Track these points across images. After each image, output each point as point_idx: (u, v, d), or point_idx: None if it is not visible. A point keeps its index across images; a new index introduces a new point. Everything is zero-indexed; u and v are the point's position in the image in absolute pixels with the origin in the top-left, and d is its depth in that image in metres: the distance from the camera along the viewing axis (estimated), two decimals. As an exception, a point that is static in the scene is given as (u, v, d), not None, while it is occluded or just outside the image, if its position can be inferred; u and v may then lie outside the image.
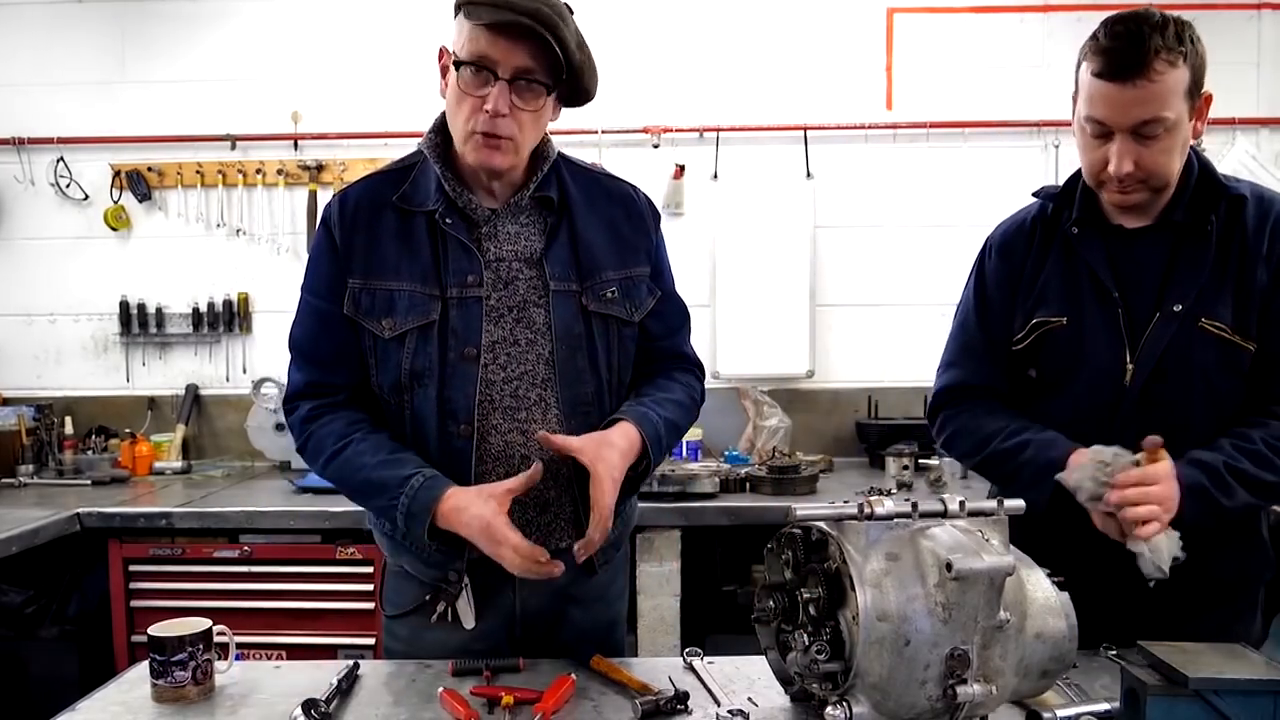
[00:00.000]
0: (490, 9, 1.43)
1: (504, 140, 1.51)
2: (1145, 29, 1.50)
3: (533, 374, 1.59)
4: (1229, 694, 1.12)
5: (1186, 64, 1.52)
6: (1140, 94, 1.51)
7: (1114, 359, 1.65)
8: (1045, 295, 1.72)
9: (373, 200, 1.61)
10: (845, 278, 3.69)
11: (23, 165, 3.73)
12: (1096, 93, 1.56)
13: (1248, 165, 3.55)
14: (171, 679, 1.43)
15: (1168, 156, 1.57)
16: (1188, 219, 1.63)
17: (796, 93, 3.66)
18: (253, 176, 3.69)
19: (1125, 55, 1.50)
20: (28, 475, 3.45)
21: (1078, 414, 1.67)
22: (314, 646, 2.86)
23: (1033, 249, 1.76)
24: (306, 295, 1.64)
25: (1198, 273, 1.61)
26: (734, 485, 3.07)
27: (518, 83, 1.48)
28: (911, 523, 1.20)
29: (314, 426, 1.60)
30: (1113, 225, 1.69)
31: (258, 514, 2.92)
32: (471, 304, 1.56)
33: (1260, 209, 1.62)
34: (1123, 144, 1.55)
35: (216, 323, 3.73)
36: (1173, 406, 1.61)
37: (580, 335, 1.60)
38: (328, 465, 1.58)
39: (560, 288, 1.59)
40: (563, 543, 1.61)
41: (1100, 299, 1.67)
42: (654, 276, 1.70)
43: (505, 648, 1.63)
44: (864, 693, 1.15)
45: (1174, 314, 1.61)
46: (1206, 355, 1.61)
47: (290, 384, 1.65)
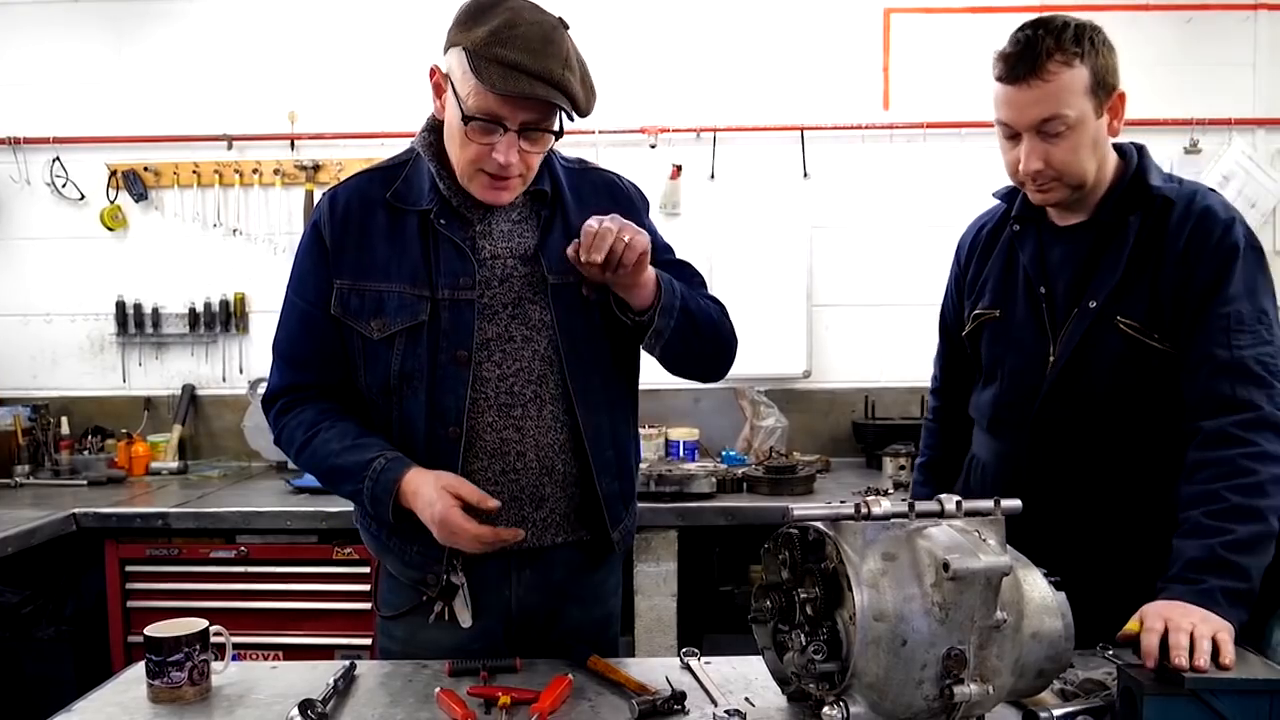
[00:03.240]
0: (501, 72, 1.40)
1: (513, 179, 1.52)
2: (1040, 33, 1.59)
3: (528, 370, 1.59)
4: (1225, 694, 1.12)
5: (1085, 64, 1.58)
6: (1036, 94, 1.58)
7: (1038, 350, 1.73)
8: (984, 289, 1.83)
9: (364, 199, 1.60)
10: (842, 278, 3.70)
11: (19, 165, 3.72)
12: (999, 96, 1.64)
13: (1244, 165, 3.56)
14: (168, 679, 1.43)
15: (1075, 154, 1.62)
16: (1111, 218, 1.68)
17: (793, 93, 3.66)
18: (249, 176, 3.69)
19: (1019, 58, 1.59)
20: (24, 475, 3.44)
21: (1004, 401, 1.79)
22: (311, 647, 2.85)
23: (979, 248, 1.88)
24: (291, 296, 1.65)
25: (1115, 271, 1.66)
26: (731, 485, 3.07)
27: (527, 131, 1.48)
28: (908, 523, 1.20)
29: (286, 419, 1.64)
30: (1048, 222, 1.76)
31: (254, 514, 2.91)
32: (464, 306, 1.56)
33: (1186, 213, 1.64)
34: (1029, 143, 1.62)
35: (213, 323, 3.72)
36: (1084, 398, 1.68)
37: (582, 325, 1.60)
38: (299, 456, 1.62)
39: (559, 280, 1.59)
40: (558, 538, 1.62)
41: (1029, 293, 1.76)
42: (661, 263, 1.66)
43: (502, 646, 1.63)
44: (861, 693, 1.16)
45: (1090, 310, 1.67)
46: (1119, 351, 1.65)
47: (269, 384, 1.68)
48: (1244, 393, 1.52)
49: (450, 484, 1.48)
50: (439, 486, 1.47)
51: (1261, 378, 1.53)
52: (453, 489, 1.47)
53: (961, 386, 1.95)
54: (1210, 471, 1.49)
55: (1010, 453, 1.77)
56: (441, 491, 1.46)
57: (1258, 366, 1.54)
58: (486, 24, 1.42)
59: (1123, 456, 1.68)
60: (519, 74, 1.40)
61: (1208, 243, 1.60)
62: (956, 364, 1.97)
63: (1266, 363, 1.54)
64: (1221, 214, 1.63)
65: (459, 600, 1.58)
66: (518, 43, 1.40)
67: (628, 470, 1.72)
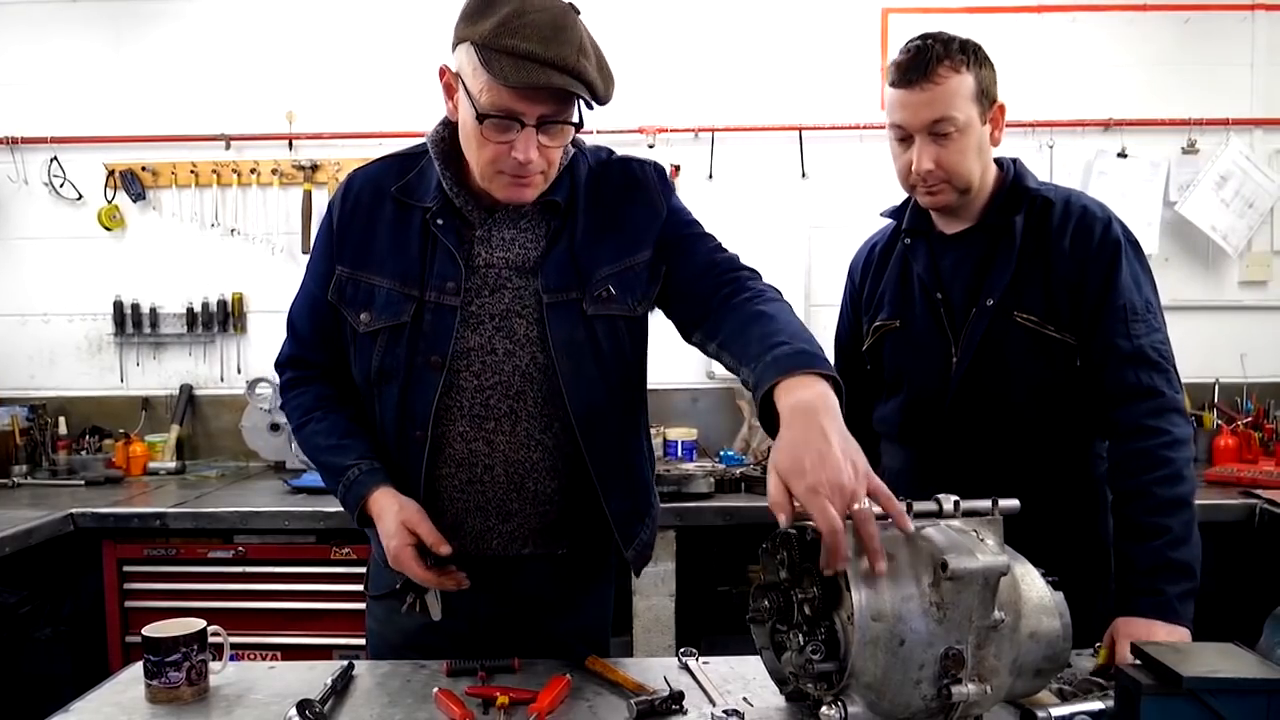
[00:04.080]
0: (513, 63, 1.33)
1: (536, 175, 1.46)
2: (930, 42, 1.73)
3: (506, 384, 1.55)
4: (1223, 693, 1.12)
5: (970, 72, 1.72)
6: (927, 96, 1.70)
7: (940, 352, 1.82)
8: (883, 302, 1.93)
9: (376, 187, 1.59)
10: (840, 278, 3.67)
11: (16, 165, 3.72)
12: (893, 100, 1.75)
13: (1242, 165, 3.56)
14: (166, 680, 1.43)
15: (963, 156, 1.73)
16: (997, 221, 1.80)
17: (791, 93, 3.67)
18: (247, 176, 3.68)
19: (911, 64, 1.72)
20: (21, 476, 3.44)
21: (913, 407, 1.87)
22: (309, 647, 2.85)
23: (873, 265, 1.99)
24: (306, 274, 1.67)
25: (1007, 269, 1.77)
26: (729, 485, 3.07)
27: (545, 125, 1.40)
28: (906, 522, 1.20)
29: (289, 395, 1.70)
30: (937, 232, 1.87)
31: (252, 514, 2.91)
32: (446, 312, 1.52)
33: (1066, 211, 1.78)
34: (922, 144, 1.73)
35: (211, 323, 3.72)
36: (993, 393, 1.79)
37: (584, 342, 1.54)
38: (297, 435, 1.68)
39: (556, 299, 1.53)
40: (525, 550, 1.61)
41: (926, 299, 1.85)
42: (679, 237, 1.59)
43: (471, 644, 1.61)
44: (859, 692, 1.15)
45: (988, 308, 1.78)
46: (1021, 345, 1.77)
47: (281, 350, 1.73)
48: (1148, 379, 1.68)
49: (410, 519, 1.47)
50: (399, 521, 1.47)
51: (1159, 363, 1.70)
52: (411, 525, 1.47)
53: (862, 407, 1.96)
54: (1134, 464, 1.65)
55: (923, 458, 1.86)
56: (400, 528, 1.46)
57: (1154, 354, 1.70)
58: (494, 15, 1.34)
59: (1032, 446, 1.79)
60: (532, 64, 1.32)
61: (1091, 240, 1.74)
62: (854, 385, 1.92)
63: (1160, 349, 1.71)
64: (1099, 213, 1.78)
65: (430, 594, 1.56)
66: (528, 31, 1.33)
67: (643, 487, 1.68)
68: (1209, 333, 3.62)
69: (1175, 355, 1.74)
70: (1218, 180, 3.56)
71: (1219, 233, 3.58)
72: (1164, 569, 1.57)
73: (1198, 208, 3.57)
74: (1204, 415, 3.56)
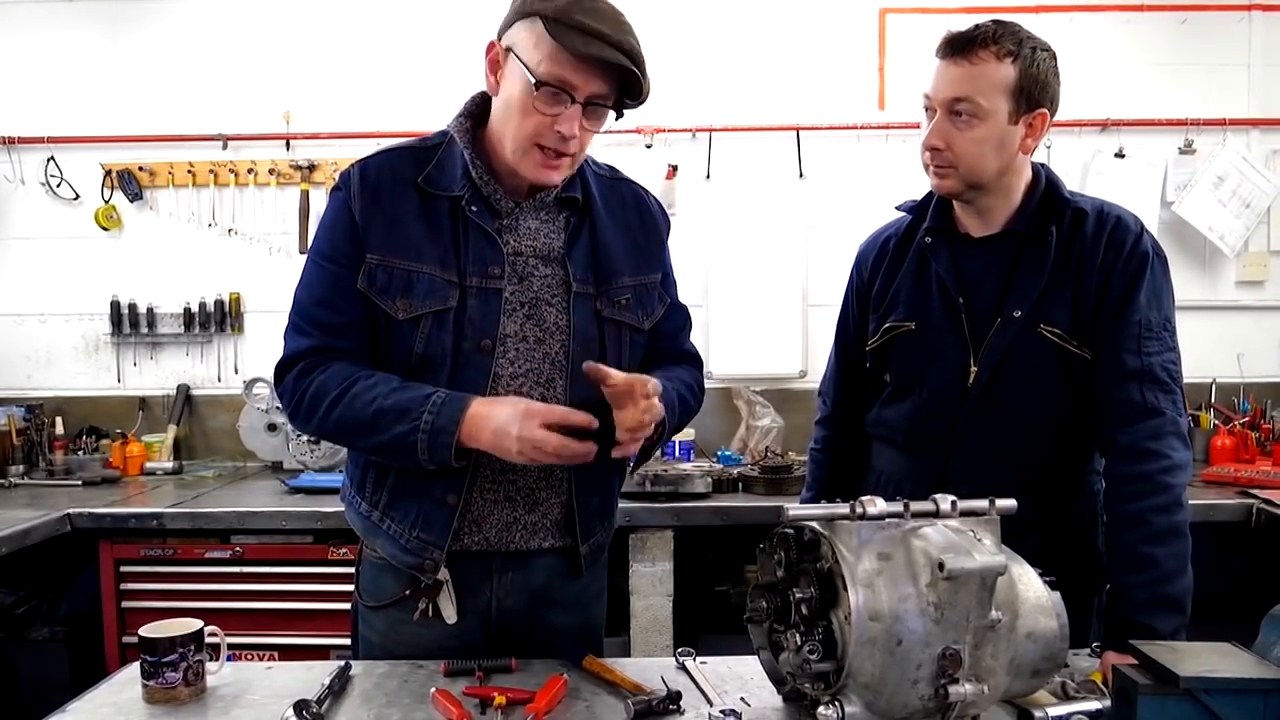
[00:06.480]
0: (582, 38, 1.41)
1: (566, 158, 1.51)
2: (992, 25, 1.66)
3: (537, 372, 1.57)
4: (1220, 693, 1.12)
5: (1015, 64, 1.64)
6: (960, 71, 1.64)
7: (958, 361, 1.75)
8: (896, 302, 1.83)
9: (395, 176, 1.57)
10: (838, 278, 3.67)
11: (13, 164, 3.71)
12: (932, 71, 1.70)
13: (1239, 166, 3.57)
14: (163, 680, 1.42)
15: (977, 145, 1.66)
16: (1030, 229, 1.72)
17: (789, 93, 3.67)
18: (244, 176, 3.68)
19: (957, 38, 1.65)
20: (18, 476, 3.44)
21: (925, 415, 1.79)
22: (306, 647, 2.85)
23: (886, 261, 1.89)
24: (320, 260, 1.57)
25: (1037, 280, 1.70)
26: (726, 485, 3.07)
27: (590, 106, 1.48)
28: (903, 523, 1.20)
29: (314, 375, 1.52)
30: (961, 234, 1.79)
31: (249, 514, 2.91)
32: (491, 295, 1.54)
33: (1100, 222, 1.71)
34: (939, 121, 1.67)
35: (208, 323, 3.72)
36: (1012, 408, 1.72)
37: (594, 338, 1.59)
38: (334, 408, 1.49)
39: (580, 290, 1.58)
40: (544, 543, 1.62)
41: (946, 304, 1.77)
42: (663, 282, 1.70)
43: (480, 647, 1.61)
44: (856, 692, 1.16)
45: (1014, 319, 1.70)
46: (1044, 359, 1.70)
47: (288, 349, 1.57)
48: (1152, 398, 1.63)
49: (532, 406, 1.44)
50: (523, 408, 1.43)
51: (1166, 384, 1.65)
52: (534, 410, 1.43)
53: (855, 411, 1.94)
54: (1133, 488, 1.61)
55: (929, 467, 1.77)
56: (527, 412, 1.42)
57: (1163, 373, 1.65)
58: None
59: (1038, 459, 1.73)
60: (601, 42, 1.41)
61: (1121, 252, 1.68)
62: (852, 386, 1.96)
63: (1170, 369, 1.66)
64: (1131, 225, 1.71)
65: (444, 596, 1.57)
66: (598, 15, 1.43)
67: (609, 491, 1.71)
68: (1206, 333, 3.62)
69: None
70: (1215, 180, 3.57)
71: (1216, 233, 3.59)
72: (1158, 605, 1.54)
73: (1195, 208, 3.58)
74: (1201, 415, 3.56)
